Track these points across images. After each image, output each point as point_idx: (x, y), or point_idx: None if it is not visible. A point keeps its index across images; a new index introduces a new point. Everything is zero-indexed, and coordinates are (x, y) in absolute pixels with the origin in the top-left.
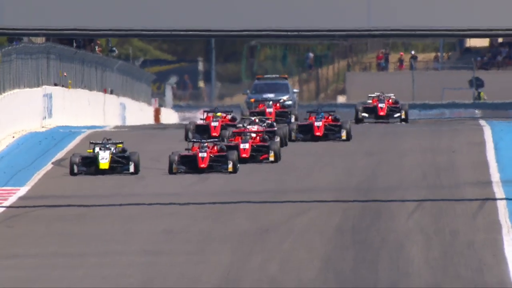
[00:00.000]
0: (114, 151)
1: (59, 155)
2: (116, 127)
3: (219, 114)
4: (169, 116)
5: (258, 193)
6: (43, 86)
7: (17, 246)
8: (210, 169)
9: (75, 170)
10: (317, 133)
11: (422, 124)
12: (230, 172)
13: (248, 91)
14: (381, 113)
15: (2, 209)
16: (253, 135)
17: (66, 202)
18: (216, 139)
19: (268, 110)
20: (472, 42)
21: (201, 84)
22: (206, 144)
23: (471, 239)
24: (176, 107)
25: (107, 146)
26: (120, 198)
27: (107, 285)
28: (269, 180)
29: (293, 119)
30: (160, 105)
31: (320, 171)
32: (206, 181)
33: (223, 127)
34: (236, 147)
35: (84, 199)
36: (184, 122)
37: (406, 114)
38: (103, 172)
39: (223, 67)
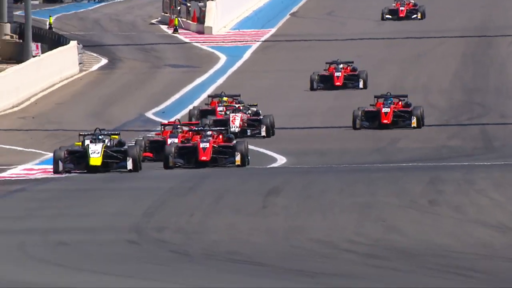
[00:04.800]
0: (108, 144)
1: (294, 9)
2: None
3: (225, 99)
4: None
5: (408, 32)
6: None
7: (269, 65)
8: (213, 162)
9: (60, 168)
10: (385, 121)
11: None
12: (238, 166)
13: None
14: (401, 15)
15: (260, 42)
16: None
17: (300, 38)
18: (222, 127)
19: (336, 74)
20: None
21: None
22: (209, 132)
23: None
24: None
25: (100, 137)
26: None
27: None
28: (412, 30)
29: (361, 84)
30: None
31: (451, 20)
32: None
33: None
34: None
35: (311, 36)
36: None
37: (422, 14)
38: (95, 169)
39: None
